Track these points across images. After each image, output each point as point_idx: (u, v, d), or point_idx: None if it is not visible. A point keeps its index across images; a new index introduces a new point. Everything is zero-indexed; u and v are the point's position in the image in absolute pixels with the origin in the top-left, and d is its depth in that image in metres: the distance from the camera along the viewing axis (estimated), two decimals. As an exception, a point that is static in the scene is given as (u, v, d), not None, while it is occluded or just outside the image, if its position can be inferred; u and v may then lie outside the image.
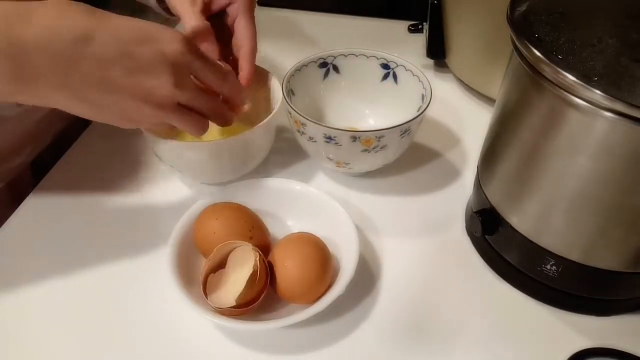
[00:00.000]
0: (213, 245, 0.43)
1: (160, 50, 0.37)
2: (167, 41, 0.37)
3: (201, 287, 0.42)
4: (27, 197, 0.54)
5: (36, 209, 0.53)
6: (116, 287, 0.47)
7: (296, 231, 0.47)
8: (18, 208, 0.53)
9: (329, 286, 0.43)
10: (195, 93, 0.41)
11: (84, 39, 0.35)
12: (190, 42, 0.39)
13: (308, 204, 0.49)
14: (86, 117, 0.39)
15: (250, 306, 0.41)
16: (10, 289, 0.46)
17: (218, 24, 0.51)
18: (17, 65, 0.34)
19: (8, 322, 0.44)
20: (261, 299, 0.42)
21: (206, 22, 0.48)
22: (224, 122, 0.46)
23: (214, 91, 0.44)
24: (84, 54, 0.35)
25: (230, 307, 0.40)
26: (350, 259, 0.44)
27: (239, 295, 0.40)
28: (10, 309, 0.45)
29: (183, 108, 0.41)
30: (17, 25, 0.34)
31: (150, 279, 0.46)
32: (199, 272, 0.44)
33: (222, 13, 0.51)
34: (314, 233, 0.45)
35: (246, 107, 0.47)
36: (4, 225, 0.51)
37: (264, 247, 0.45)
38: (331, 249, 0.45)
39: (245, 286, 0.40)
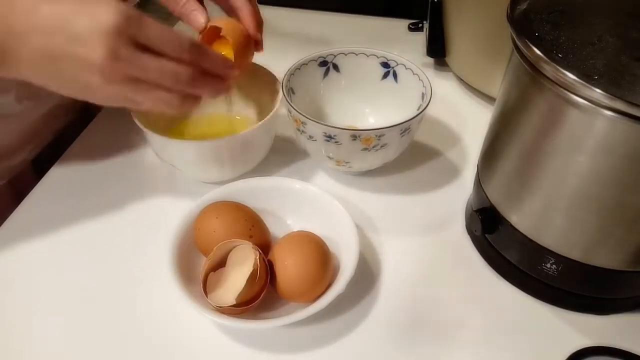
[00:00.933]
0: (213, 244, 0.43)
1: (94, 19, 0.37)
2: (103, 10, 0.37)
3: (201, 285, 0.42)
4: (28, 195, 0.54)
5: (37, 207, 0.53)
6: (116, 285, 0.47)
7: (296, 230, 0.47)
8: (19, 205, 0.53)
9: (329, 285, 0.43)
10: (143, 64, 0.38)
11: (31, 10, 0.37)
12: (129, 11, 0.37)
13: (308, 203, 0.49)
14: (54, 89, 0.40)
15: (251, 305, 0.41)
16: (10, 286, 0.46)
17: None
18: None
19: (9, 318, 0.44)
20: (261, 297, 0.42)
21: None
22: (208, 93, 0.42)
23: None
24: (32, 26, 0.37)
25: (231, 306, 0.40)
26: (350, 258, 0.44)
27: (239, 294, 0.40)
28: (11, 305, 0.45)
29: (138, 81, 0.38)
30: None
31: (150, 277, 0.46)
32: (198, 271, 0.44)
33: None
34: (314, 232, 0.45)
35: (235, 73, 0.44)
36: (5, 223, 0.51)
37: (264, 245, 0.45)
38: (331, 247, 0.45)
39: (245, 285, 0.40)
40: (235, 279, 0.41)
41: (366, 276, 0.47)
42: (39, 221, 0.52)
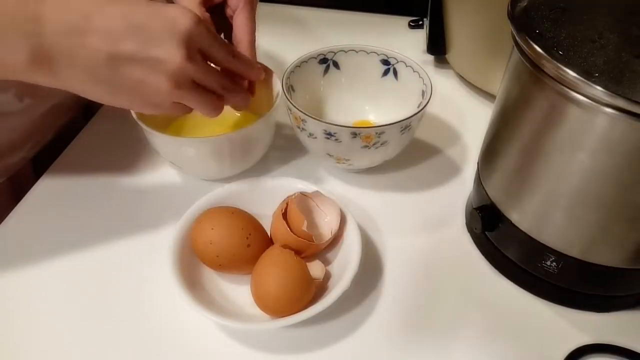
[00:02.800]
0: (212, 254, 0.43)
1: (171, 23, 0.37)
2: (178, 14, 0.37)
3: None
4: (28, 193, 0.54)
5: (36, 205, 0.53)
6: (116, 284, 0.47)
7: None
8: (18, 204, 0.53)
9: (311, 301, 0.42)
10: (207, 68, 0.40)
11: (93, 12, 0.35)
12: (200, 18, 0.38)
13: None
14: (102, 100, 0.39)
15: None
16: (9, 285, 0.46)
17: (219, 15, 0.50)
18: (33, 43, 0.35)
19: (8, 316, 0.44)
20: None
21: (205, 12, 0.47)
22: (239, 101, 0.45)
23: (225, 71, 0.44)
24: (93, 27, 0.35)
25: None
26: (353, 257, 0.43)
27: None
28: (10, 304, 0.45)
29: (198, 86, 0.40)
30: (32, 1, 0.35)
31: (151, 277, 0.46)
32: (200, 272, 0.44)
33: (224, 4, 0.50)
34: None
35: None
36: (4, 221, 0.51)
37: (263, 251, 0.44)
38: (333, 246, 0.44)
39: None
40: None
41: (366, 274, 0.47)
42: (37, 220, 0.52)
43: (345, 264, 0.44)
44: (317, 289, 0.43)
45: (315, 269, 0.44)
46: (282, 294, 0.40)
